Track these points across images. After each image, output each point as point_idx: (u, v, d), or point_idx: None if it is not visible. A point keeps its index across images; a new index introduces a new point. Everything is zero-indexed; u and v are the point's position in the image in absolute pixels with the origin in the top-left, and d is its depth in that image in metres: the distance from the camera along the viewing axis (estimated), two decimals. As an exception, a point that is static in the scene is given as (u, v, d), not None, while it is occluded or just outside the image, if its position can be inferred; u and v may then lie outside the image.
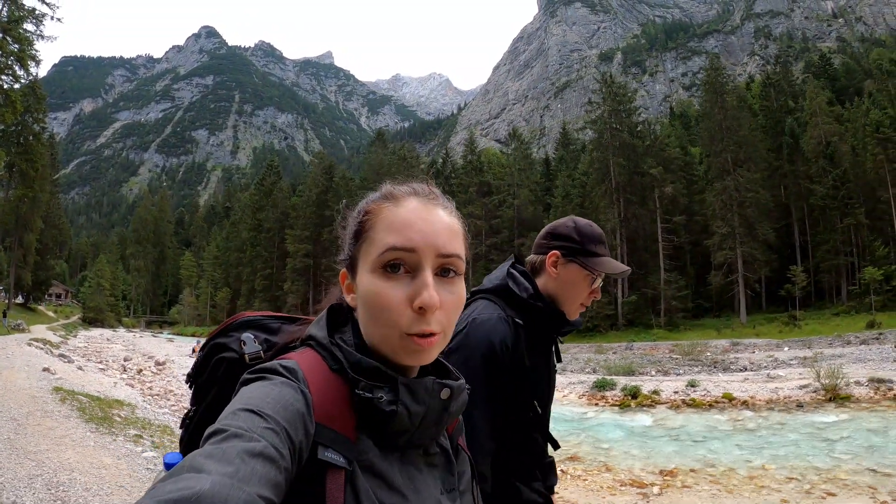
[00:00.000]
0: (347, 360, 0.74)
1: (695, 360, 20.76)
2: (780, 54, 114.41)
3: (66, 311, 72.27)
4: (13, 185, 48.56)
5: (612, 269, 1.55)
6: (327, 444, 0.67)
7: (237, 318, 0.90)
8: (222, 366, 0.85)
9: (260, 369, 0.69)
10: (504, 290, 1.55)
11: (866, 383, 13.23)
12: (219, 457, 0.52)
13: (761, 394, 13.02)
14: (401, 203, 0.77)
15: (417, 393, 0.73)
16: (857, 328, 32.08)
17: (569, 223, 1.61)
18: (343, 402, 0.71)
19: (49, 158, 56.73)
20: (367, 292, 0.74)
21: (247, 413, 0.60)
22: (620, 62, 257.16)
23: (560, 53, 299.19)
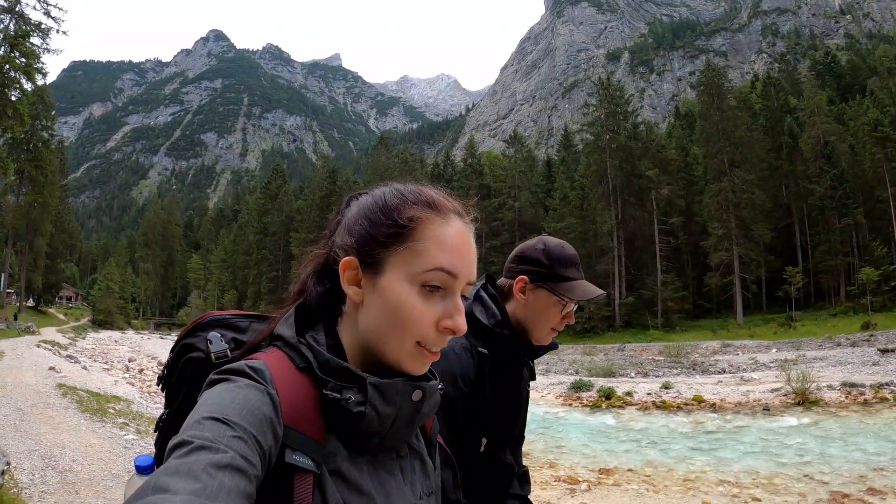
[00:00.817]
0: (316, 359, 0.72)
1: (676, 362, 21.09)
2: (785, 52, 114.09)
3: (76, 314, 73.38)
4: (23, 190, 49.61)
5: (584, 296, 1.48)
6: (295, 448, 0.65)
7: (205, 318, 0.89)
8: (190, 366, 0.83)
9: (226, 370, 0.68)
10: (469, 317, 1.45)
11: (839, 387, 13.34)
12: (184, 473, 0.50)
13: (732, 396, 13.33)
14: (448, 221, 0.77)
15: (387, 394, 0.72)
16: (852, 329, 32.05)
17: (538, 245, 1.54)
18: (311, 404, 0.70)
19: (58, 164, 57.80)
20: (400, 301, 0.73)
21: (212, 421, 0.58)
22: (628, 61, 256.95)
23: (567, 53, 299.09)
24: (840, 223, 42.34)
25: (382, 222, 0.76)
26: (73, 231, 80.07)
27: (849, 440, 9.46)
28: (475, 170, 56.88)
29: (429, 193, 0.79)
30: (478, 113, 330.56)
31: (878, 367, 16.14)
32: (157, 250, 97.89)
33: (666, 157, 49.53)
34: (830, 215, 42.98)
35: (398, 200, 0.78)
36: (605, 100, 51.85)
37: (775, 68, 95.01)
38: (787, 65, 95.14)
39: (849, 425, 10.55)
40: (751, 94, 63.20)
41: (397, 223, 0.75)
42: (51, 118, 50.39)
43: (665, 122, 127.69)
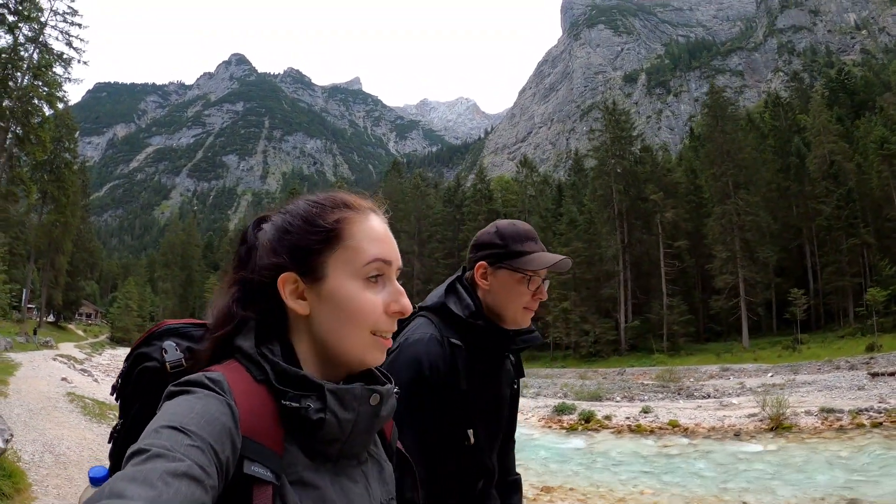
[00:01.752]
0: (273, 370, 0.73)
1: (664, 386, 21.22)
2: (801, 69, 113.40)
3: (94, 331, 75.11)
4: (46, 210, 51.35)
5: (542, 264, 1.45)
6: (254, 458, 0.66)
7: (160, 327, 0.89)
8: (145, 376, 0.84)
9: (184, 382, 0.68)
10: (442, 308, 1.49)
11: (816, 413, 13.34)
12: (140, 480, 0.50)
13: (707, 421, 13.50)
14: (368, 216, 0.81)
15: (346, 400, 0.73)
16: (856, 351, 31.71)
17: (490, 229, 1.55)
18: (270, 414, 0.70)
19: (80, 185, 59.68)
20: (351, 298, 0.76)
21: (170, 430, 0.58)
22: (645, 83, 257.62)
23: (584, 76, 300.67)
24: (847, 243, 41.84)
25: (310, 231, 0.78)
26: (94, 250, 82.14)
27: (805, 468, 9.61)
28: (484, 195, 57.49)
29: (342, 196, 0.83)
30: (496, 136, 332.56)
31: (864, 391, 16.20)
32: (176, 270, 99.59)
33: (672, 181, 49.69)
34: (837, 235, 42.52)
35: (317, 209, 0.80)
36: (611, 124, 52.29)
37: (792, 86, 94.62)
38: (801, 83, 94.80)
39: (812, 453, 10.64)
40: (764, 114, 63.19)
41: (325, 228, 0.78)
42: (73, 140, 52.18)
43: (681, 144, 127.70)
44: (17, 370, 16.82)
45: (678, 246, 46.45)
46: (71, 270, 59.97)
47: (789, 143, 52.07)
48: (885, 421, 12.50)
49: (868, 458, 9.83)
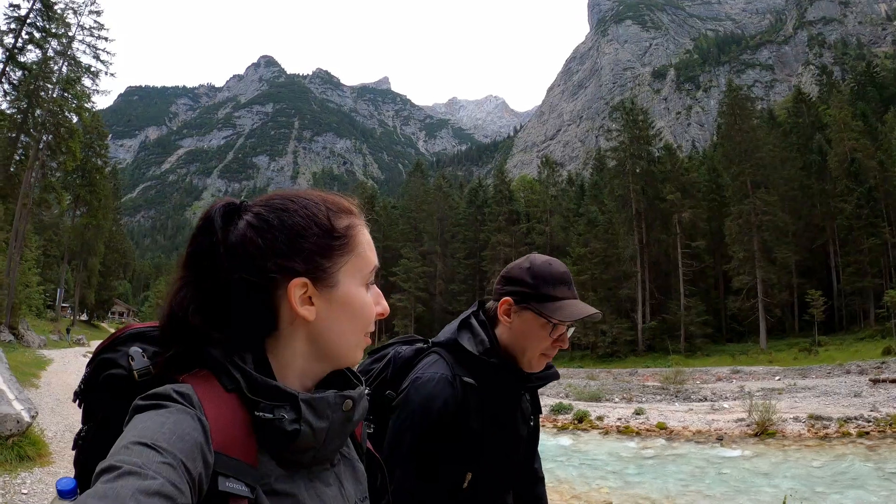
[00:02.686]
0: (245, 380, 0.71)
1: (663, 388, 21.34)
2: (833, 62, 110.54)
3: (126, 330, 77.57)
4: (78, 213, 53.43)
5: (570, 316, 1.37)
6: (228, 474, 0.64)
7: (125, 331, 0.85)
8: (110, 383, 0.79)
9: (153, 395, 0.65)
10: (454, 346, 1.45)
11: (804, 420, 13.31)
12: (112, 498, 0.49)
13: (696, 425, 13.64)
14: (363, 222, 0.83)
15: (319, 408, 0.73)
16: (873, 355, 30.83)
17: (524, 264, 1.47)
18: (242, 426, 0.69)
19: (111, 189, 61.83)
20: (363, 305, 0.79)
21: (140, 447, 0.56)
22: (673, 78, 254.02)
23: (613, 72, 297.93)
24: (867, 243, 40.78)
25: (329, 238, 0.78)
26: (127, 250, 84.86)
27: (773, 475, 9.71)
28: (504, 196, 57.82)
29: (341, 201, 0.83)
30: (525, 134, 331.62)
31: (859, 399, 16.05)
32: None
33: (689, 181, 49.35)
34: (858, 235, 41.56)
35: (328, 214, 0.79)
36: (629, 124, 52.10)
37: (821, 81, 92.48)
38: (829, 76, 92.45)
39: (787, 460, 10.70)
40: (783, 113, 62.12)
41: (341, 235, 0.79)
42: (104, 146, 54.11)
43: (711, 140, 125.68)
44: (48, 365, 18.36)
45: (696, 246, 46.07)
46: (103, 271, 62.28)
47: (811, 141, 51.34)
48: (873, 431, 12.38)
49: (842, 468, 9.85)
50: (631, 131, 51.69)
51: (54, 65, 30.90)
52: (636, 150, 50.82)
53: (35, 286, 34.44)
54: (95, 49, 33.41)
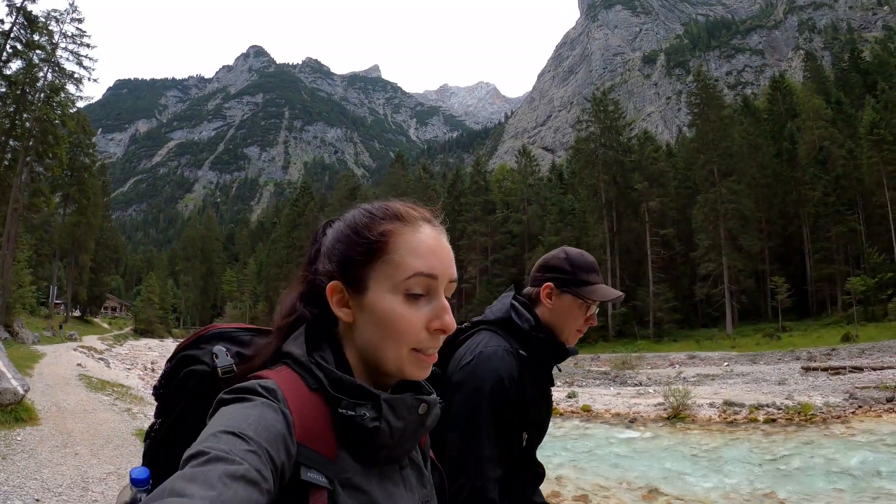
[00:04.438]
0: (328, 378, 0.74)
1: (605, 373, 22.91)
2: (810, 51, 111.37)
3: (119, 323, 78.72)
4: (68, 211, 54.56)
5: (605, 297, 1.61)
6: (309, 465, 0.67)
7: (209, 330, 0.90)
8: (192, 379, 0.84)
9: (239, 389, 0.69)
10: (507, 322, 1.61)
11: (719, 405, 13.98)
12: (201, 480, 0.52)
13: (618, 408, 14.81)
14: (418, 228, 0.80)
15: (398, 409, 0.75)
16: (833, 341, 32.07)
17: (560, 254, 1.67)
18: (323, 422, 0.72)
19: (100, 185, 62.82)
20: (389, 312, 0.76)
21: (228, 435, 0.59)
22: (664, 64, 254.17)
23: (603, 57, 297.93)
24: (833, 231, 42.00)
25: (357, 242, 0.80)
26: (118, 246, 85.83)
27: (660, 456, 10.34)
28: (480, 186, 59.16)
29: (395, 207, 0.83)
30: (516, 120, 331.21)
31: (783, 386, 17.00)
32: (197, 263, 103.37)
33: (658, 170, 50.49)
34: (825, 223, 42.72)
35: (367, 219, 0.81)
36: (600, 114, 53.26)
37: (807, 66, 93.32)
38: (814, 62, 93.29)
39: (681, 443, 11.31)
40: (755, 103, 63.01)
41: (370, 240, 0.79)
42: (91, 145, 55.06)
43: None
44: (41, 359, 19.89)
45: (665, 234, 47.54)
46: (94, 267, 63.29)
47: (784, 128, 52.24)
48: (780, 418, 12.88)
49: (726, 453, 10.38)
50: (602, 122, 52.89)
51: (39, 72, 32.00)
52: (607, 139, 52.10)
53: (28, 285, 35.75)
54: (78, 56, 34.57)
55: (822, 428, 11.81)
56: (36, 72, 31.51)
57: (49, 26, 31.95)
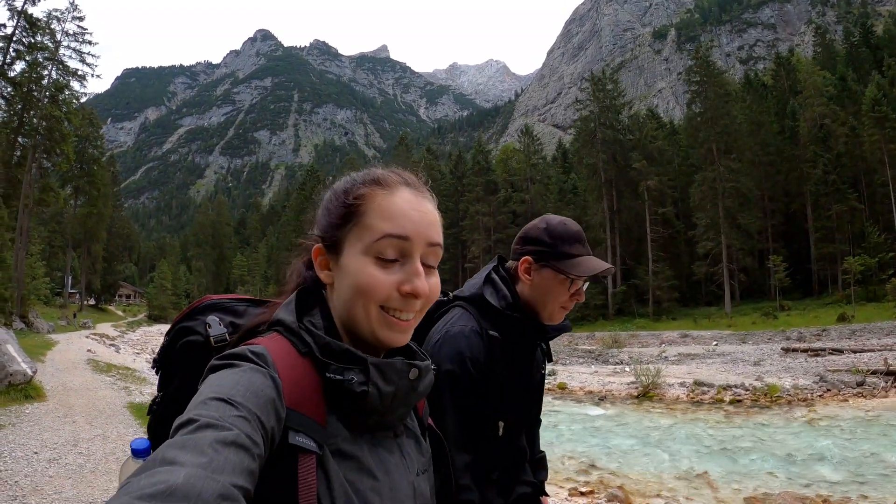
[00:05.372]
0: (317, 343, 0.74)
1: (587, 351, 23.55)
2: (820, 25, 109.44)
3: (133, 310, 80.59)
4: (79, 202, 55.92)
5: (587, 271, 1.46)
6: (298, 429, 0.67)
7: (203, 301, 0.91)
8: (188, 350, 0.85)
9: (228, 355, 0.69)
10: (479, 300, 1.51)
11: (690, 385, 14.23)
12: (191, 447, 0.53)
13: (592, 386, 15.36)
14: (394, 191, 0.80)
15: (387, 373, 0.75)
16: (830, 321, 31.90)
17: (540, 224, 1.55)
18: (313, 387, 0.72)
19: (109, 176, 64.08)
20: (358, 273, 0.76)
21: (217, 402, 0.60)
22: (674, 39, 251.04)
23: (613, 33, 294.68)
24: (834, 209, 41.55)
25: (335, 207, 0.82)
26: (130, 234, 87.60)
27: (614, 432, 10.70)
28: (482, 166, 59.51)
29: (377, 172, 0.83)
30: (526, 98, 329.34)
31: (757, 367, 17.20)
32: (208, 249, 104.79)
33: (657, 148, 50.48)
34: (826, 201, 42.29)
35: (348, 185, 0.82)
36: (598, 94, 53.23)
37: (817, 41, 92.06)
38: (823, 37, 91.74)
39: (640, 421, 11.58)
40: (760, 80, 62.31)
41: (346, 204, 0.80)
42: (99, 137, 56.18)
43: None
44: (54, 346, 21.33)
45: (664, 213, 47.73)
46: (107, 256, 64.90)
47: (787, 105, 51.85)
48: (746, 399, 12.97)
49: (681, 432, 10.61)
50: (600, 101, 52.85)
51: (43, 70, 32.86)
52: (605, 119, 52.07)
53: (41, 277, 37.03)
54: (81, 53, 35.45)
55: (784, 410, 11.93)
56: (40, 70, 32.36)
57: (51, 25, 32.85)
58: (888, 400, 12.19)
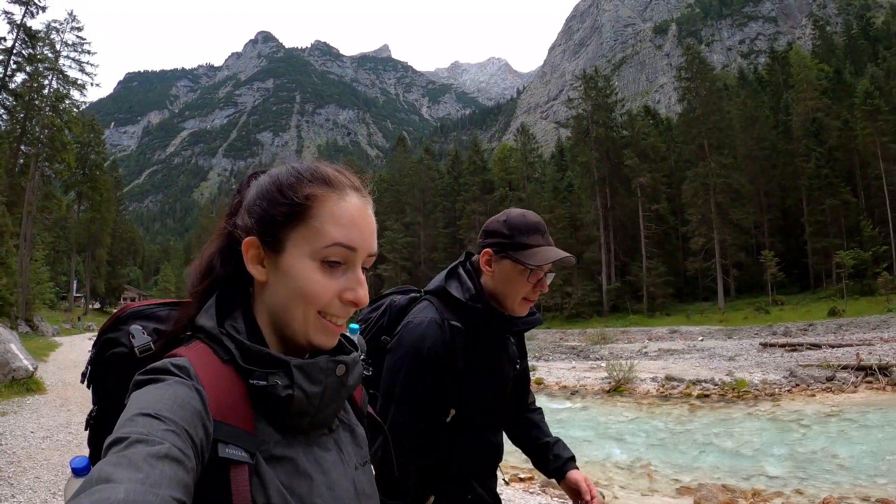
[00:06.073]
0: (238, 349, 0.72)
1: (573, 347, 24.06)
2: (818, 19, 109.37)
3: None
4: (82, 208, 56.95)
5: (543, 259, 1.47)
6: (227, 441, 0.66)
7: (125, 310, 0.87)
8: (114, 362, 0.82)
9: (151, 370, 0.67)
10: (443, 292, 1.55)
11: (661, 380, 14.38)
12: (125, 464, 0.52)
13: (567, 381, 15.65)
14: (344, 196, 0.78)
15: (312, 374, 0.74)
16: (821, 315, 32.22)
17: (500, 217, 1.58)
18: (238, 395, 0.70)
19: (112, 181, 65.11)
20: (303, 278, 0.74)
21: (144, 417, 0.58)
22: (675, 34, 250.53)
23: (614, 29, 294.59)
24: (827, 203, 41.64)
25: (280, 201, 0.77)
26: (134, 238, 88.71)
27: (575, 424, 10.90)
28: (478, 166, 60.10)
29: (325, 170, 0.80)
30: (528, 95, 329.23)
31: (731, 362, 17.32)
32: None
33: (649, 145, 50.82)
34: (819, 195, 42.37)
35: (294, 179, 0.78)
36: (591, 92, 53.72)
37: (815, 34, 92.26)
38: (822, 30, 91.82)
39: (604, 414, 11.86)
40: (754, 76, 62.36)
41: (294, 202, 0.76)
42: (101, 143, 57.17)
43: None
44: (58, 348, 22.61)
45: (657, 209, 48.09)
46: (111, 260, 66.13)
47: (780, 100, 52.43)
48: (714, 393, 13.09)
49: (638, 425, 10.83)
50: (593, 99, 53.33)
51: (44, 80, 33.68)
52: (598, 117, 52.53)
53: (46, 282, 37.91)
54: (80, 63, 36.29)
55: (750, 405, 12.00)
56: (41, 80, 33.17)
57: (50, 36, 33.69)
58: (856, 395, 12.28)
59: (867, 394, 12.31)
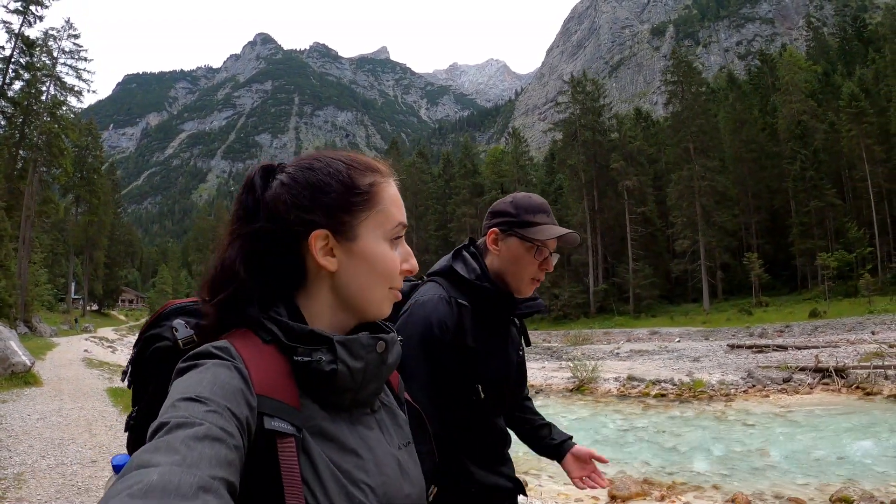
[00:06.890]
0: (281, 329, 0.74)
1: (548, 348, 24.82)
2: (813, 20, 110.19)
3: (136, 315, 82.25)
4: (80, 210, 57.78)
5: (549, 234, 1.51)
6: (273, 414, 0.67)
7: (167, 307, 0.89)
8: (158, 356, 0.83)
9: (192, 356, 0.69)
10: (449, 272, 1.56)
11: (624, 379, 14.84)
12: (164, 448, 0.53)
13: (535, 379, 16.05)
14: (390, 181, 0.85)
15: (354, 349, 0.75)
16: (802, 317, 32.74)
17: (507, 199, 1.62)
18: (282, 372, 0.72)
19: (110, 184, 65.90)
20: (382, 258, 0.80)
21: (185, 402, 0.59)
22: (673, 35, 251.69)
23: (612, 31, 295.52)
24: (811, 205, 41.99)
25: (350, 193, 0.80)
26: (132, 240, 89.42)
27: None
28: (468, 169, 60.87)
29: (370, 160, 0.85)
30: (527, 97, 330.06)
31: (696, 363, 17.78)
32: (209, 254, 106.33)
33: (636, 148, 51.55)
34: (804, 197, 42.79)
35: (354, 172, 0.82)
36: (578, 95, 54.48)
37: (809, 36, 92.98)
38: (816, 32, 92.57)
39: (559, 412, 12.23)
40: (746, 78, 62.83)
41: (362, 191, 0.81)
42: (98, 147, 57.99)
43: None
44: (55, 347, 23.26)
45: (643, 212, 48.78)
46: (109, 262, 66.70)
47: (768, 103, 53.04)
48: (671, 393, 13.41)
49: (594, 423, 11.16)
50: (581, 103, 54.03)
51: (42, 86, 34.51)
52: (586, 120, 53.22)
53: (44, 284, 38.70)
54: (77, 69, 37.15)
55: (703, 405, 12.37)
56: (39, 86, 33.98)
57: (48, 44, 34.50)
58: (811, 396, 12.60)
59: (822, 395, 12.65)
